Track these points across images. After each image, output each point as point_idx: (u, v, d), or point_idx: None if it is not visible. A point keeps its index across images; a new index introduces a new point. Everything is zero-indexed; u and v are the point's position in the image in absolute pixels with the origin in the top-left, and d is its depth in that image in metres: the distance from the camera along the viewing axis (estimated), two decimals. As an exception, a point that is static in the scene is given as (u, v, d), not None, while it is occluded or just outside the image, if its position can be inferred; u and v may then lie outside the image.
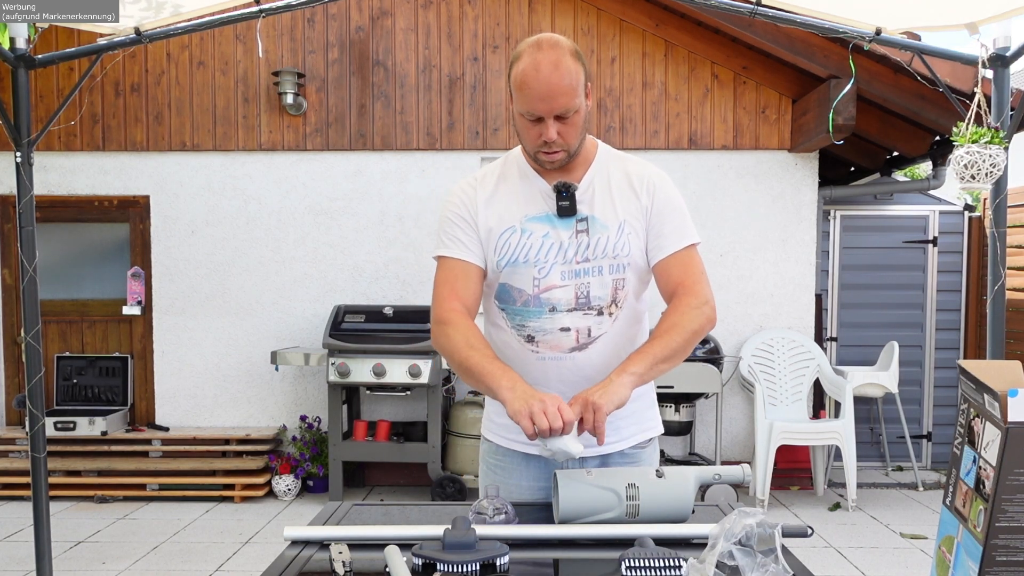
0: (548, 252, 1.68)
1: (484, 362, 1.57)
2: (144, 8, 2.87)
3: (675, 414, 4.91)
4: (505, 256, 1.69)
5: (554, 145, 1.62)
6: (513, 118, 1.69)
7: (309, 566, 1.30)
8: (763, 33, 4.65)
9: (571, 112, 1.59)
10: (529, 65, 1.57)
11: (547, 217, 1.70)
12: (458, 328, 1.64)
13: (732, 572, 1.15)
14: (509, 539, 1.33)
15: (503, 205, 1.72)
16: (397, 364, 4.73)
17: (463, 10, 5.29)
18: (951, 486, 1.11)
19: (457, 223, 1.72)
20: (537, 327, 1.70)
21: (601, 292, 1.69)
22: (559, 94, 1.56)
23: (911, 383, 5.77)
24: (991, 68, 2.77)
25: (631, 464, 1.77)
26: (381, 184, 5.34)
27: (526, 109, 1.60)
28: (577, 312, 1.69)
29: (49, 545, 3.02)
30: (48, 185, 5.36)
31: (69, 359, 5.40)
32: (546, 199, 1.71)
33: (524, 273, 1.69)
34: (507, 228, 1.70)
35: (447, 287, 1.70)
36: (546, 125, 1.59)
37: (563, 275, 1.68)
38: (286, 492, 5.07)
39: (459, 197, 1.75)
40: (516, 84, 1.60)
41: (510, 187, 1.74)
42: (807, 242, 5.31)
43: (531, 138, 1.64)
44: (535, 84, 1.56)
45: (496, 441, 1.82)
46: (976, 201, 6.55)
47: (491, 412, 1.85)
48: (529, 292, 1.69)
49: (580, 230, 1.69)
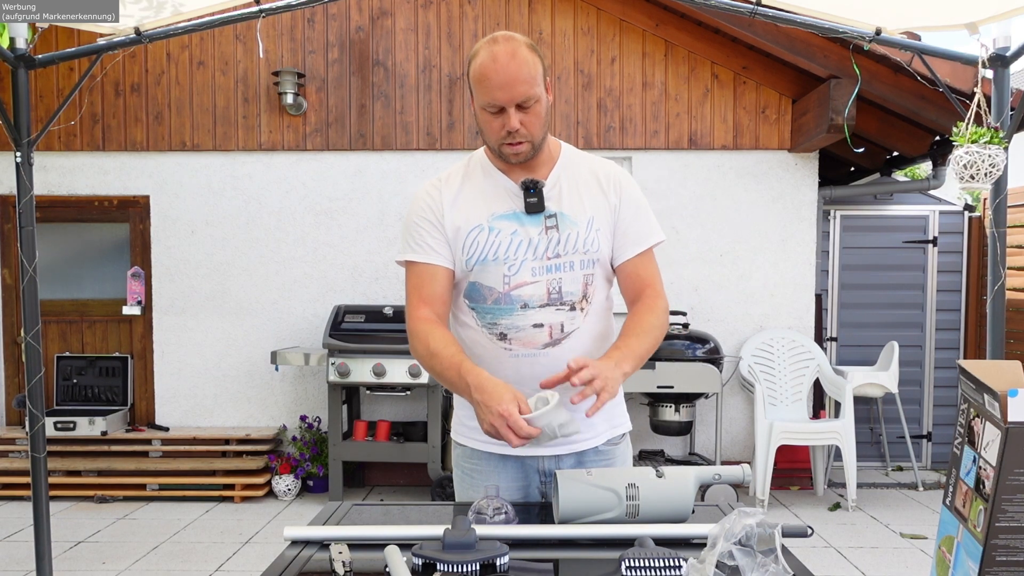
0: (517, 249, 1.69)
1: (445, 370, 1.62)
2: (144, 8, 2.87)
3: (675, 414, 4.91)
4: (474, 255, 1.70)
5: (518, 135, 1.62)
6: (475, 117, 1.70)
7: (309, 566, 1.30)
8: (763, 33, 4.65)
9: (532, 101, 1.61)
10: (487, 57, 1.60)
11: (515, 215, 1.71)
12: (419, 337, 1.68)
13: (732, 572, 1.15)
14: (509, 539, 1.33)
15: (469, 204, 1.73)
16: (397, 364, 4.73)
17: (463, 10, 5.29)
18: (951, 486, 1.11)
19: (423, 226, 1.73)
20: (509, 324, 1.70)
21: (573, 287, 1.70)
22: (518, 82, 1.58)
23: (911, 383, 5.77)
24: (991, 68, 2.77)
25: (606, 461, 1.78)
26: (381, 184, 5.34)
27: (487, 101, 1.61)
28: (550, 308, 1.69)
29: (49, 545, 3.02)
30: (48, 185, 5.36)
31: (69, 359, 5.40)
32: (512, 197, 1.72)
33: (493, 271, 1.69)
34: (474, 227, 1.71)
35: (415, 295, 1.74)
36: (508, 115, 1.61)
37: (534, 271, 1.69)
38: (286, 492, 5.07)
39: (424, 200, 1.76)
40: (476, 78, 1.62)
41: (475, 185, 1.75)
42: (807, 242, 5.31)
43: (494, 131, 1.64)
44: (494, 74, 1.58)
45: (469, 444, 1.81)
46: (976, 201, 6.55)
47: (461, 415, 1.84)
48: (499, 290, 1.70)
49: (549, 226, 1.70)
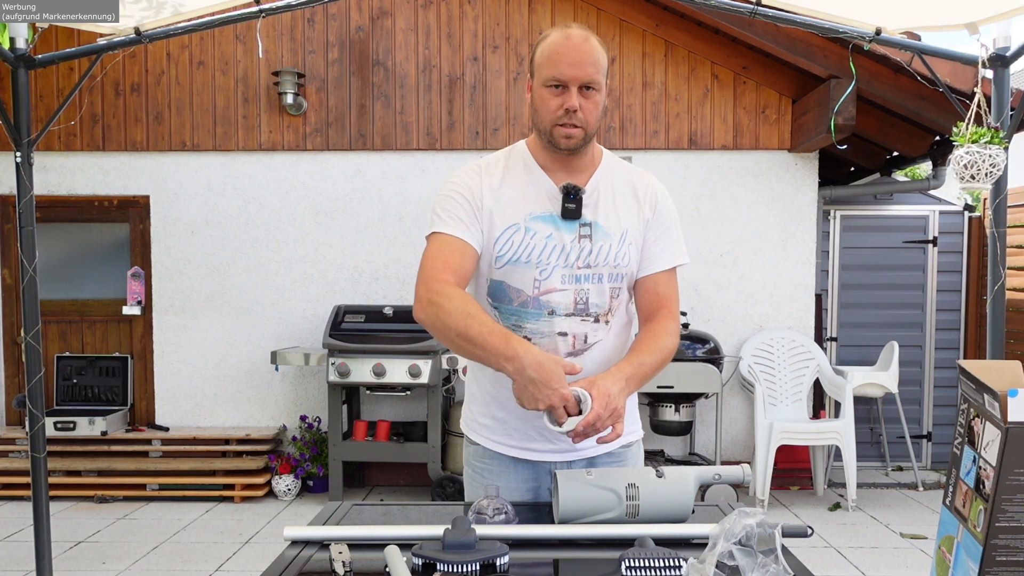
0: (551, 254, 1.65)
1: (488, 334, 1.49)
2: (144, 8, 2.87)
3: (675, 414, 4.91)
4: (506, 253, 1.66)
5: (575, 117, 1.60)
6: (531, 101, 1.67)
7: (309, 566, 1.30)
8: (763, 33, 4.65)
9: (594, 88, 1.61)
10: (560, 36, 1.61)
11: (551, 217, 1.67)
12: (452, 298, 1.53)
13: (732, 572, 1.15)
14: (509, 539, 1.32)
15: (508, 199, 1.68)
16: (397, 364, 4.73)
17: (463, 10, 5.29)
18: (951, 486, 1.11)
19: (459, 202, 1.65)
20: (534, 329, 1.67)
21: (599, 300, 1.68)
22: (587, 63, 1.59)
23: (911, 383, 5.77)
24: (991, 68, 2.77)
25: (618, 463, 1.76)
26: (381, 184, 5.34)
27: (552, 75, 1.60)
28: (575, 317, 1.67)
29: (49, 545, 3.03)
30: (48, 185, 5.36)
31: (69, 359, 5.40)
32: (551, 199, 1.68)
33: (524, 273, 1.66)
34: (511, 224, 1.66)
35: (440, 260, 1.60)
36: (570, 93, 1.59)
37: (563, 279, 1.66)
38: (286, 492, 5.07)
39: (463, 179, 1.69)
40: (544, 54, 1.62)
41: (516, 180, 1.70)
42: (807, 242, 5.31)
43: (551, 109, 1.61)
44: (565, 51, 1.59)
45: (481, 443, 1.78)
46: (976, 201, 6.55)
47: (475, 412, 1.80)
48: (528, 293, 1.66)
49: (583, 235, 1.67)
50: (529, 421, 1.69)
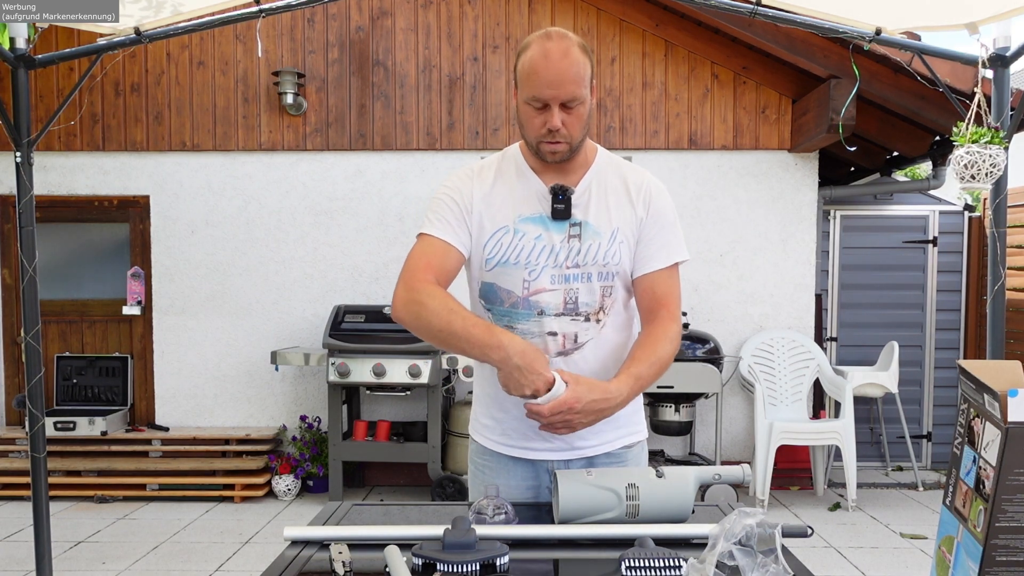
0: (540, 255, 1.66)
1: (471, 327, 1.53)
2: (144, 8, 2.87)
3: (675, 414, 4.91)
4: (496, 255, 1.67)
5: (558, 135, 1.60)
6: (516, 110, 1.67)
7: (309, 566, 1.30)
8: (763, 33, 4.65)
9: (576, 103, 1.59)
10: (538, 52, 1.57)
11: (540, 218, 1.68)
12: (433, 296, 1.57)
13: (732, 572, 1.15)
14: (509, 539, 1.32)
15: (498, 202, 1.70)
16: (397, 364, 4.73)
17: (463, 10, 5.29)
18: (951, 486, 1.11)
19: (450, 206, 1.68)
20: (525, 330, 1.68)
21: (589, 299, 1.68)
22: (567, 81, 1.56)
23: (911, 383, 5.77)
24: (991, 68, 2.76)
25: (618, 464, 1.76)
26: (381, 184, 5.34)
27: (532, 95, 1.59)
28: (565, 317, 1.67)
29: (49, 545, 3.02)
30: (48, 185, 5.36)
31: (69, 359, 5.40)
32: (541, 200, 1.69)
33: (514, 274, 1.67)
34: (500, 227, 1.68)
35: (422, 260, 1.64)
36: (551, 112, 1.58)
37: (552, 279, 1.67)
38: (286, 492, 5.07)
39: (455, 183, 1.72)
40: (524, 71, 1.60)
41: (507, 184, 1.71)
42: (807, 242, 5.31)
43: (535, 127, 1.62)
44: (544, 71, 1.56)
45: (482, 443, 1.81)
46: (976, 201, 6.55)
47: (478, 412, 1.84)
48: (518, 294, 1.68)
49: (572, 235, 1.67)
50: (526, 420, 1.69)
